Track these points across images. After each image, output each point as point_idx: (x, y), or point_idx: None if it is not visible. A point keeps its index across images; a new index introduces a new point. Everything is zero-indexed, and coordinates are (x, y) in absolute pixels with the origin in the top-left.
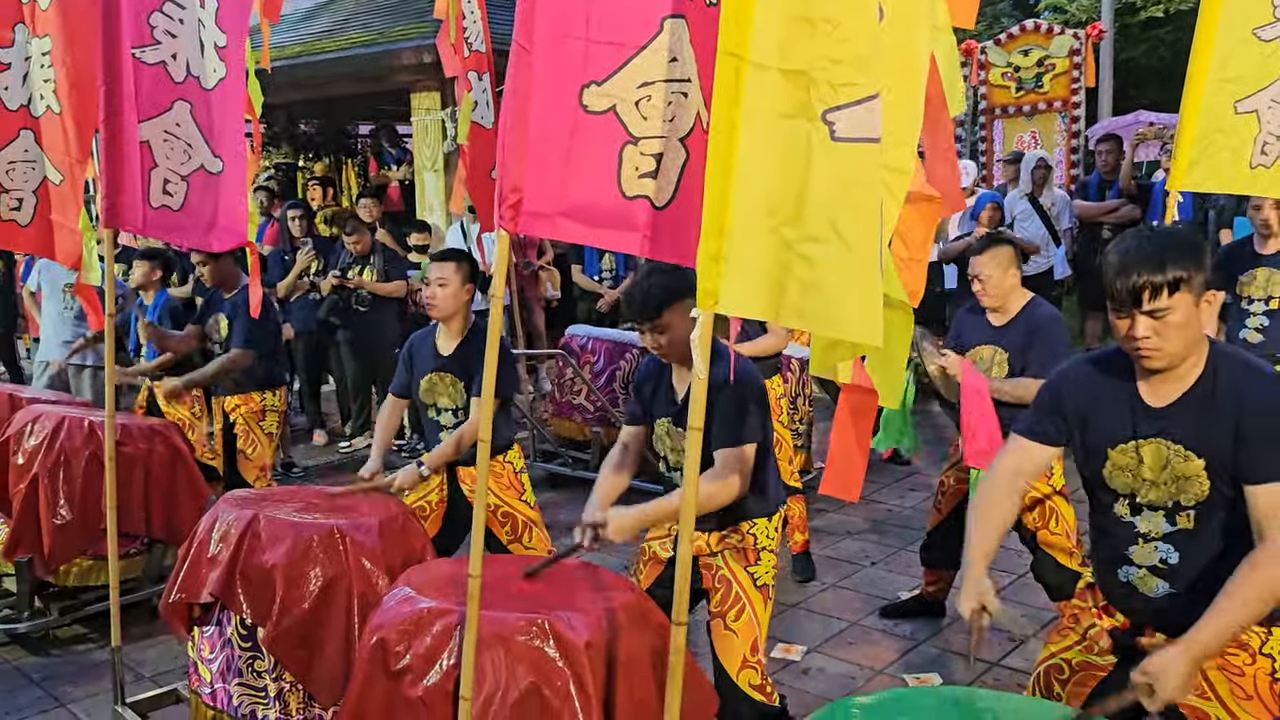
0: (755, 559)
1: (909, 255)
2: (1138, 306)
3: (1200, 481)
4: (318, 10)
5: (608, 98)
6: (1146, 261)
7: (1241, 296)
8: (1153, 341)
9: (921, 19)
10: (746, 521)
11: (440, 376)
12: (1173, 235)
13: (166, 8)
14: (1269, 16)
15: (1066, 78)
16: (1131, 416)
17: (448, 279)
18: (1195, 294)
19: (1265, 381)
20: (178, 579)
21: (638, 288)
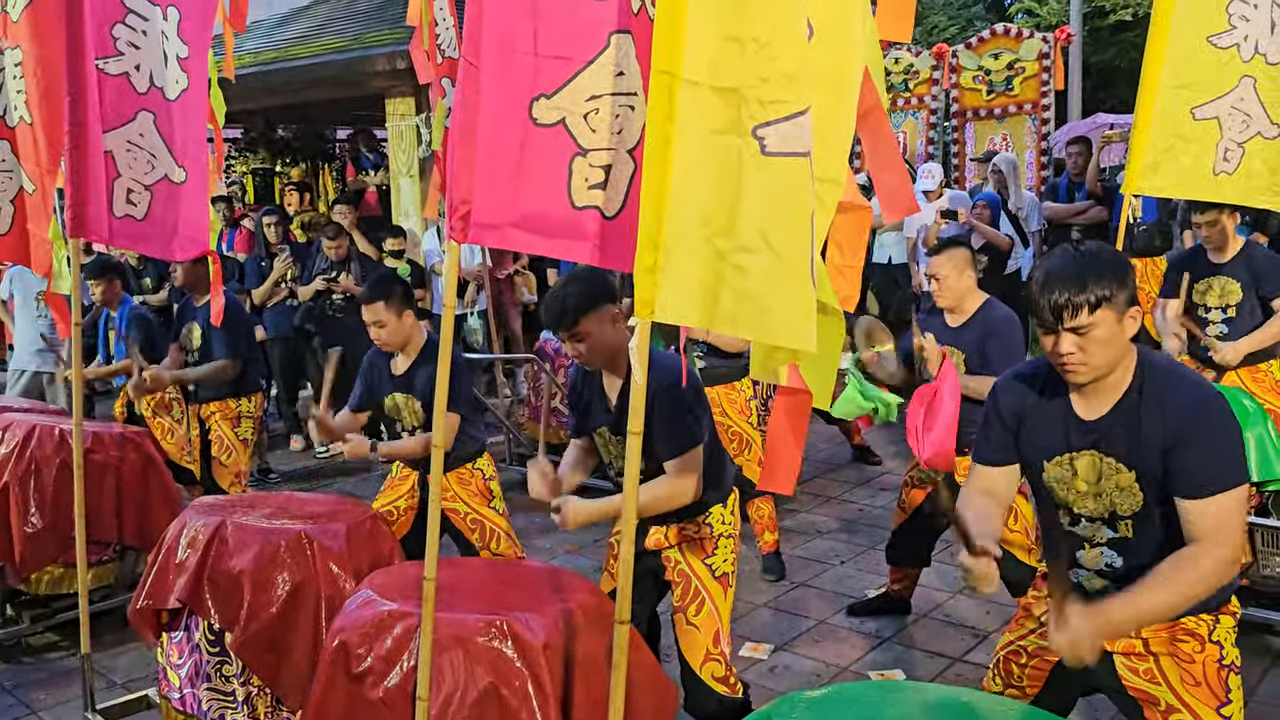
0: (713, 549)
1: (843, 262)
2: (1061, 324)
3: (1133, 493)
4: (293, 16)
5: (557, 110)
6: (1069, 280)
7: (1198, 305)
8: (1077, 357)
9: (854, 35)
10: (701, 513)
11: (400, 397)
12: (1096, 254)
13: (129, 19)
14: (1224, 24)
15: (1036, 81)
16: (1064, 430)
17: (382, 318)
18: (1118, 311)
19: (1188, 389)
20: (146, 585)
21: (555, 297)
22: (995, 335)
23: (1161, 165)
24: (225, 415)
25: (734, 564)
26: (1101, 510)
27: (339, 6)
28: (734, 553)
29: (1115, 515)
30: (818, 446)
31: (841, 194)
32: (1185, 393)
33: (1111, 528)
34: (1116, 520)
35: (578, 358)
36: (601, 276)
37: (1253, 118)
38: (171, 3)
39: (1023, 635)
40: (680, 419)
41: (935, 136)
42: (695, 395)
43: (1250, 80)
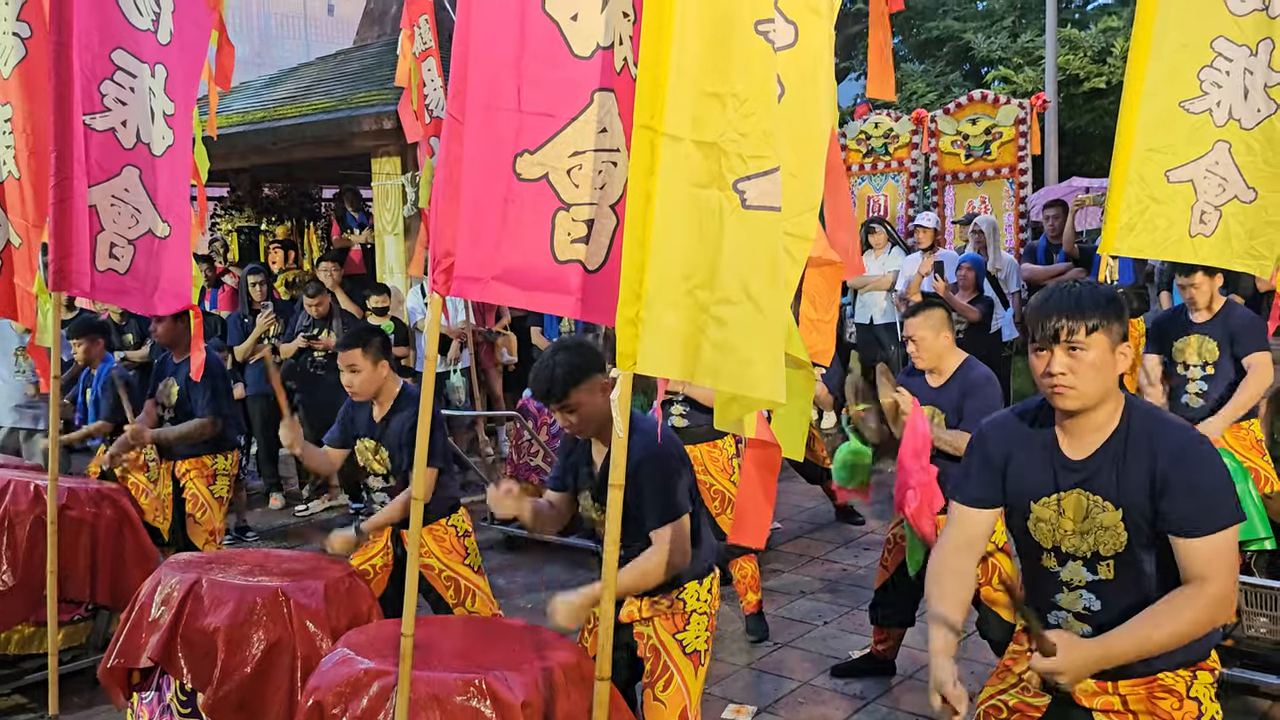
0: (684, 624)
1: (816, 316)
2: (1055, 341)
3: (1118, 532)
4: (282, 77)
5: (540, 166)
6: (1066, 303)
7: (1178, 363)
8: (1068, 379)
9: (823, 95)
10: (676, 588)
11: (369, 443)
12: (1094, 287)
13: (117, 76)
14: (1195, 90)
15: (1013, 145)
16: (1052, 470)
17: (358, 364)
18: (1111, 340)
19: (1175, 431)
20: (117, 643)
21: (544, 369)
22: (973, 394)
23: (1137, 226)
24: (200, 473)
25: (707, 642)
26: (1085, 549)
27: (327, 68)
28: (708, 630)
29: (1098, 555)
30: (800, 507)
31: (811, 249)
32: (1173, 435)
33: (1092, 570)
34: (1098, 561)
35: (568, 428)
36: (589, 347)
37: (1229, 182)
38: (160, 60)
39: (1003, 690)
40: (666, 487)
41: (915, 199)
42: (679, 462)
43: (1225, 145)
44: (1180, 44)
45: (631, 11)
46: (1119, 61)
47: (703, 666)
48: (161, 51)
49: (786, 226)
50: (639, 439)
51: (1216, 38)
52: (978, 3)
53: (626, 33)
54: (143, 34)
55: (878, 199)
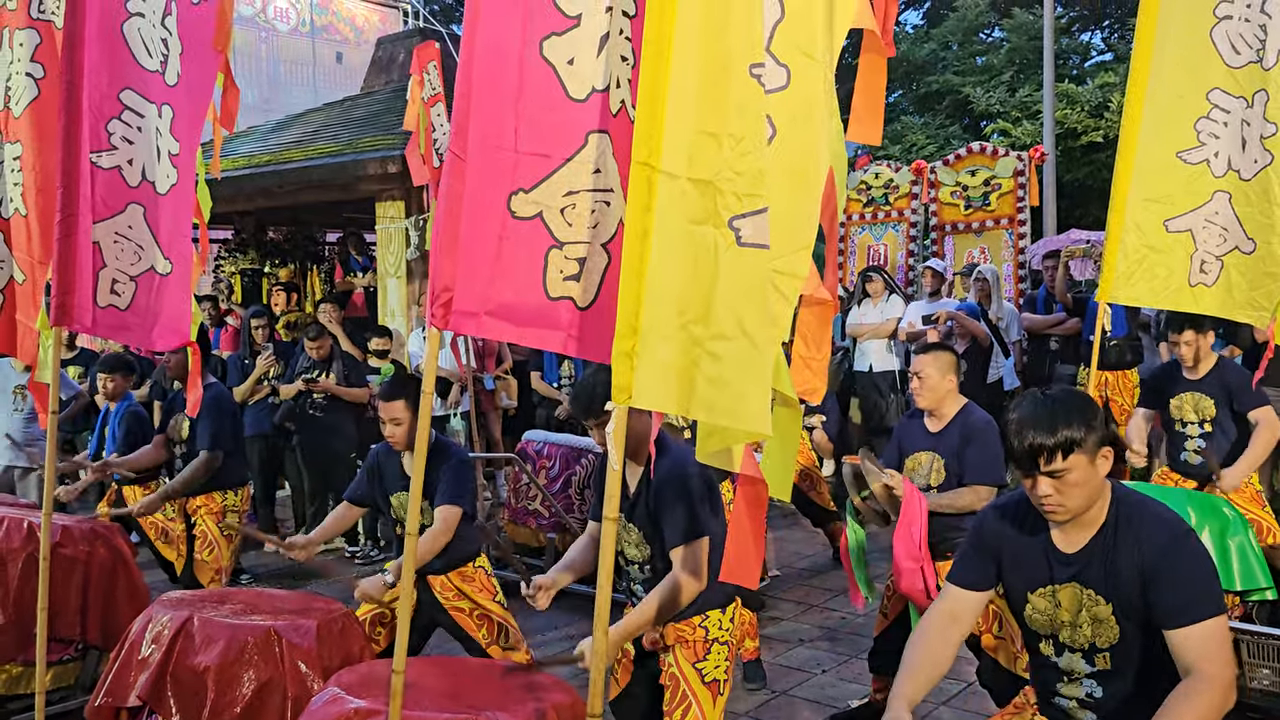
0: (704, 653)
1: (809, 354)
2: (1036, 468)
3: (1110, 625)
4: (289, 122)
5: (535, 205)
6: (1040, 425)
7: (1175, 420)
8: (1054, 499)
9: (819, 136)
10: (699, 615)
11: (405, 496)
12: (1064, 400)
13: (125, 115)
14: (1192, 140)
15: (1012, 196)
16: (1047, 562)
17: (400, 417)
18: (1090, 453)
19: (1161, 524)
20: (106, 681)
21: (584, 387)
22: (974, 440)
23: (1135, 275)
24: (210, 510)
25: (727, 672)
26: (1083, 641)
27: (334, 114)
28: (728, 660)
29: (1094, 648)
30: (800, 554)
31: (803, 287)
32: (1159, 528)
33: (1089, 661)
34: (1095, 653)
35: (601, 444)
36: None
37: (1229, 232)
38: (167, 101)
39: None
40: (688, 506)
41: (915, 249)
42: (707, 487)
43: (1225, 195)
44: (1176, 95)
45: (630, 56)
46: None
47: (722, 696)
48: (169, 92)
49: (776, 265)
50: (667, 460)
51: (1212, 89)
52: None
53: (624, 76)
54: (151, 75)
55: (878, 248)
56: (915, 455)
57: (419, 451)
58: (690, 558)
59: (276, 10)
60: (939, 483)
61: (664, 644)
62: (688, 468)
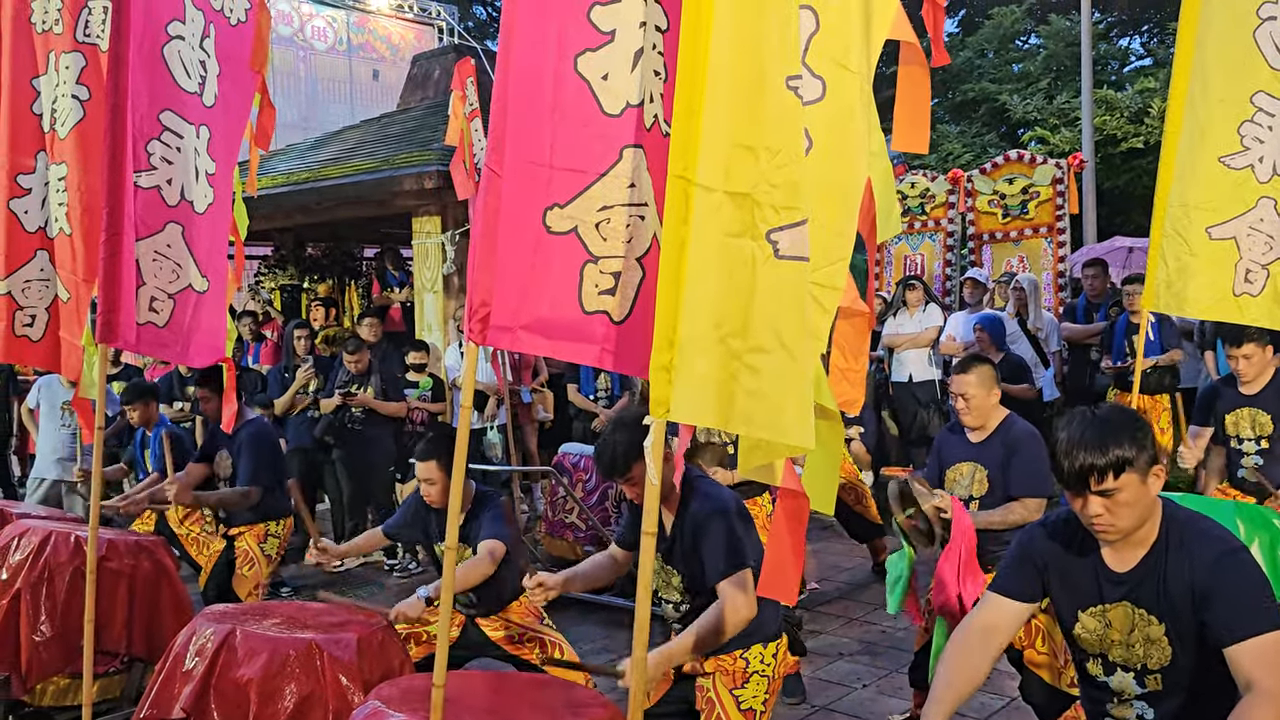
0: (743, 682)
1: (847, 365)
2: (1086, 489)
3: (1162, 646)
4: (327, 140)
5: (570, 220)
6: (1089, 446)
7: (1231, 436)
8: (1105, 519)
9: (858, 149)
10: (741, 648)
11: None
12: (1114, 418)
13: (165, 136)
14: (1236, 145)
15: (1051, 205)
16: (1098, 581)
17: (434, 478)
18: (1141, 472)
19: (1212, 541)
20: (151, 694)
21: (605, 446)
22: (1018, 452)
23: (1175, 284)
24: (254, 534)
25: (765, 704)
26: (1134, 661)
27: (371, 131)
28: (768, 694)
29: (1145, 669)
30: (840, 567)
31: (841, 299)
32: (1208, 545)
33: (1140, 683)
34: (1146, 674)
35: (635, 499)
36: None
37: (1275, 239)
38: (204, 121)
39: None
40: (727, 540)
41: (953, 258)
42: (742, 519)
43: (1270, 201)
44: (1218, 99)
45: (663, 70)
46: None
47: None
48: (206, 113)
49: (815, 277)
50: (702, 498)
51: (1257, 92)
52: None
53: (658, 91)
54: (189, 96)
55: (915, 258)
56: (956, 466)
57: (458, 467)
58: (735, 591)
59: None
60: (981, 494)
61: (703, 670)
62: (722, 501)
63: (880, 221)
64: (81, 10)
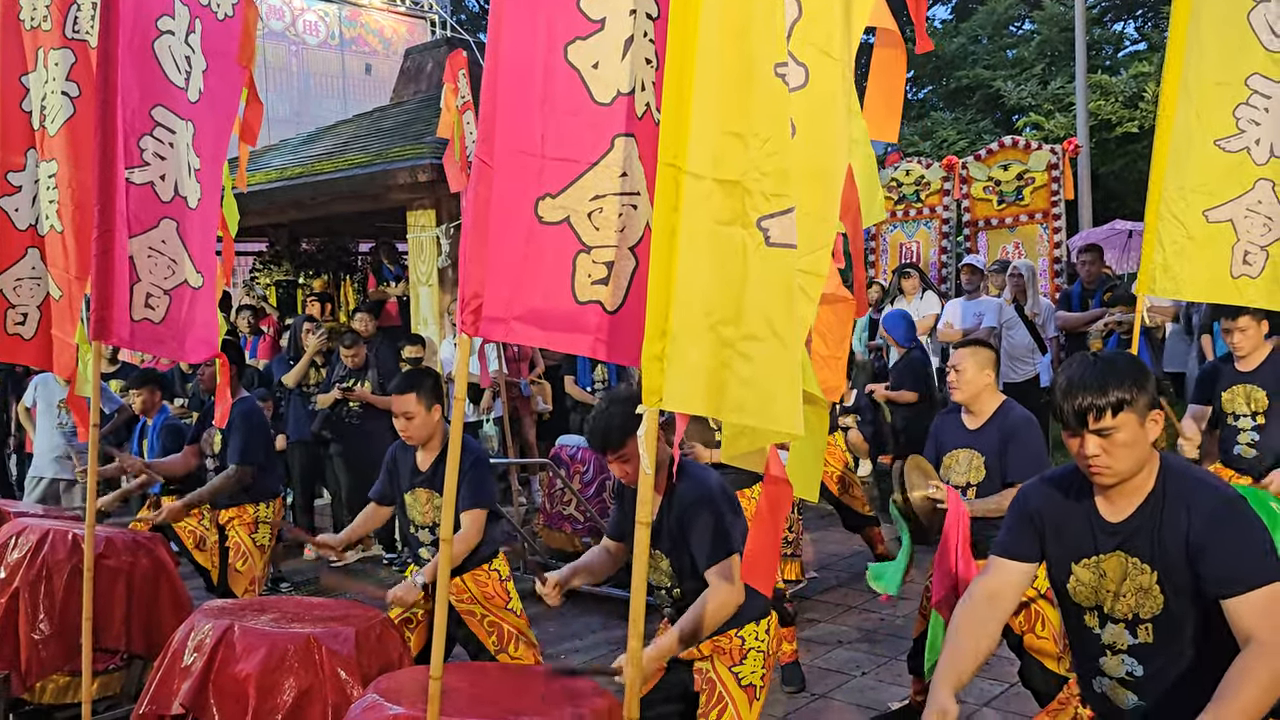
0: (741, 659)
1: (828, 353)
2: (1085, 427)
3: (1154, 595)
4: (320, 134)
5: (562, 209)
6: (1090, 385)
7: (1228, 413)
8: (1102, 460)
9: (838, 135)
10: (735, 629)
11: (419, 493)
12: (1115, 360)
13: (157, 131)
14: (1231, 128)
15: (1046, 190)
16: (1091, 532)
17: (412, 411)
18: (1140, 414)
19: (1210, 491)
20: (150, 690)
21: (598, 420)
22: (1015, 438)
23: (1172, 267)
24: (243, 521)
25: (764, 679)
26: (1127, 611)
27: (364, 125)
28: (765, 668)
29: (1138, 619)
30: (838, 555)
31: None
32: (1208, 495)
33: (1132, 633)
34: (1138, 624)
35: (623, 477)
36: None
37: (1274, 220)
38: (189, 117)
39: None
40: (715, 525)
41: (948, 245)
42: (730, 504)
43: (1268, 183)
44: (1214, 82)
45: (654, 58)
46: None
47: (758, 702)
48: (191, 109)
49: (801, 264)
50: (690, 483)
51: (1252, 75)
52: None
53: (649, 79)
54: (179, 90)
55: (910, 245)
56: (953, 453)
57: (452, 457)
58: (723, 577)
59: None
60: (978, 480)
61: (700, 654)
62: (710, 488)
63: (864, 207)
64: (70, 6)
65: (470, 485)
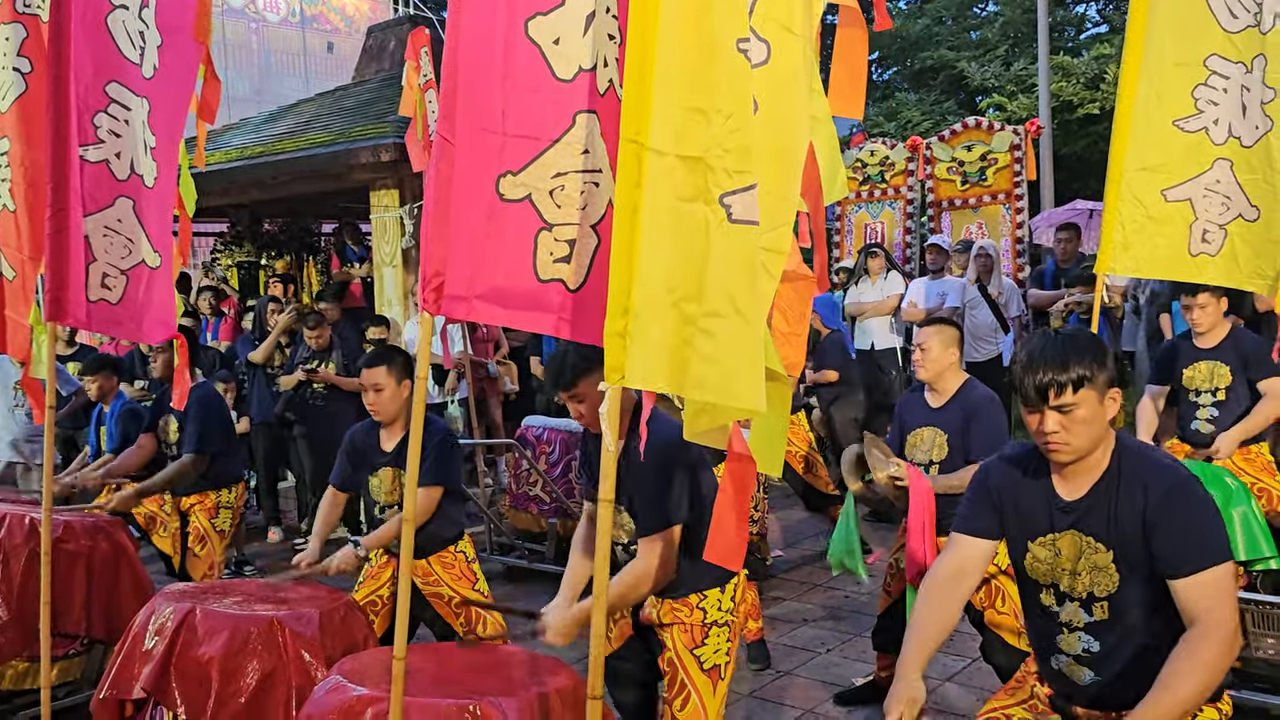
0: (703, 638)
1: (789, 329)
2: (1045, 403)
3: (1110, 573)
4: (281, 113)
5: (523, 187)
6: (1051, 361)
7: (1188, 390)
8: (1060, 436)
9: (799, 111)
10: (696, 594)
11: (384, 473)
12: (1076, 337)
13: (111, 109)
14: (1190, 108)
15: (1009, 171)
16: (1047, 510)
17: (381, 383)
18: (1099, 391)
19: (1164, 471)
20: (110, 674)
21: (555, 359)
22: (977, 416)
23: (1133, 245)
24: (204, 507)
25: (729, 654)
26: (1082, 590)
27: (326, 104)
28: (729, 642)
29: (1093, 596)
30: (802, 534)
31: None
32: (1162, 474)
33: (1088, 610)
34: (1093, 602)
35: (578, 418)
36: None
37: (1232, 200)
38: (144, 94)
39: (1010, 704)
40: (663, 491)
41: (913, 226)
42: (688, 462)
43: (1226, 163)
44: (1173, 63)
45: (617, 33)
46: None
47: (723, 681)
48: (146, 85)
49: (763, 241)
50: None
51: (1210, 55)
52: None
53: (611, 55)
54: (133, 66)
55: (875, 226)
56: (917, 431)
57: (414, 438)
58: (654, 549)
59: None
60: (941, 458)
61: (659, 621)
62: (670, 450)
63: (826, 185)
64: None
65: (434, 462)
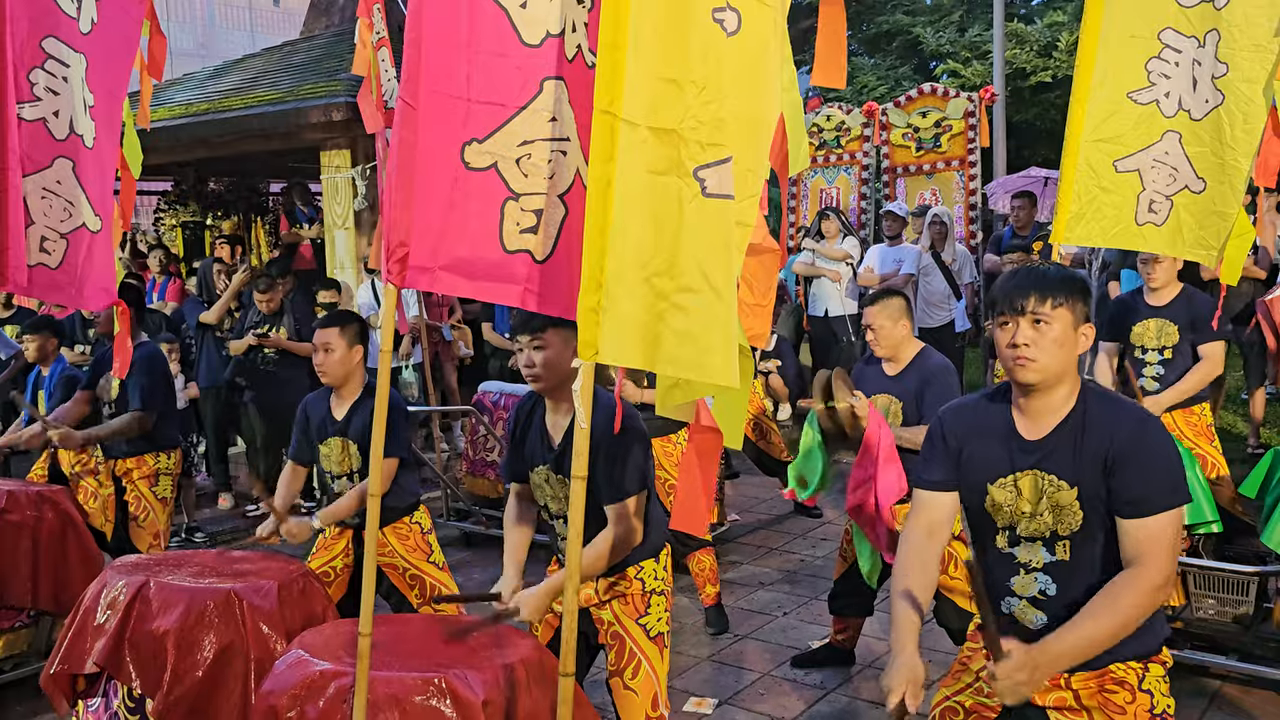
0: (645, 607)
1: (754, 301)
2: (1020, 313)
3: (1074, 511)
4: (227, 69)
5: (489, 155)
6: (1033, 278)
7: (1136, 346)
8: (1030, 350)
9: (770, 82)
10: (633, 566)
11: (335, 442)
12: (1059, 269)
13: (48, 65)
14: (1143, 81)
15: (963, 138)
16: (1008, 451)
17: (333, 344)
18: (1075, 317)
19: (1130, 411)
20: (61, 648)
21: None
22: (932, 383)
23: (1086, 215)
24: (142, 473)
25: (668, 622)
26: (1043, 529)
27: (274, 60)
28: (667, 610)
29: (1055, 535)
30: (758, 499)
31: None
32: (1127, 415)
33: (1049, 549)
34: (1056, 541)
35: (529, 368)
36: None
37: (1179, 172)
38: (81, 49)
39: (959, 690)
40: (623, 462)
41: (868, 191)
42: (640, 439)
43: (1175, 135)
44: (1129, 35)
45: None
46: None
47: (667, 648)
48: (84, 40)
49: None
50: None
51: (1164, 29)
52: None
53: (581, 20)
54: (70, 20)
55: (830, 191)
56: (873, 398)
57: (379, 413)
58: (625, 515)
59: None
60: (896, 425)
61: (599, 599)
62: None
63: (791, 155)
64: None
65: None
